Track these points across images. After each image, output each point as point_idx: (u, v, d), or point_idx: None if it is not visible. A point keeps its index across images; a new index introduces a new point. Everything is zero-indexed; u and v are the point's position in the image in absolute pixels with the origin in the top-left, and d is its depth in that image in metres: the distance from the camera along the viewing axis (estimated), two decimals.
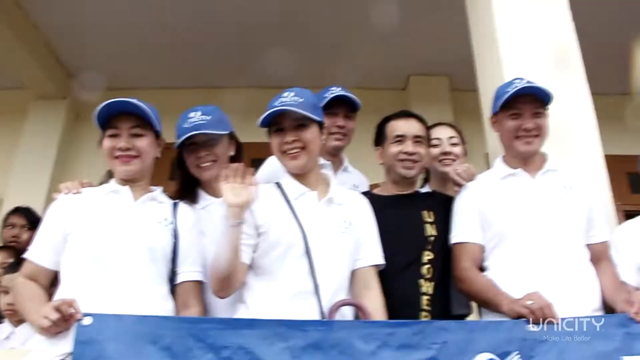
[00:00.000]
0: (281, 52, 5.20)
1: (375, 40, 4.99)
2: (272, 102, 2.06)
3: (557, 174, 2.24)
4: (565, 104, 2.66)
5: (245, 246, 1.91)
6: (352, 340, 1.69)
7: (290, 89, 2.09)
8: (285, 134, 2.04)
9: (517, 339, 1.77)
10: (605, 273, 2.15)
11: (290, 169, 2.08)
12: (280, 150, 2.06)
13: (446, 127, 2.79)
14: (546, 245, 2.08)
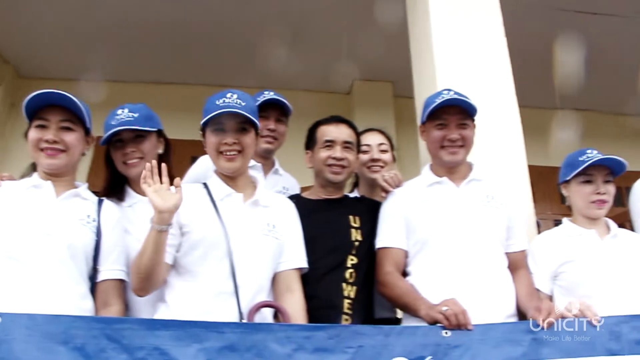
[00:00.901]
0: (228, 51, 5.20)
1: (321, 44, 5.04)
2: (213, 100, 2.05)
3: (481, 183, 2.31)
4: (494, 115, 2.76)
5: (168, 246, 1.89)
6: (268, 343, 1.69)
7: (232, 90, 2.08)
8: (225, 134, 2.03)
9: (432, 344, 1.81)
10: (521, 281, 2.23)
11: (224, 170, 2.07)
12: (217, 150, 2.05)
13: (376, 133, 2.83)
14: (465, 252, 2.14)
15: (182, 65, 5.34)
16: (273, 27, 4.94)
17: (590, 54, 5.02)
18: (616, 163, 2.25)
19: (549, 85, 5.44)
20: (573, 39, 4.99)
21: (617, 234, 2.28)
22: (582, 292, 2.12)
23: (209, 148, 2.08)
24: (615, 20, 4.92)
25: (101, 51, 5.00)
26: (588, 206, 2.27)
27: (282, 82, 5.35)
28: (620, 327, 1.86)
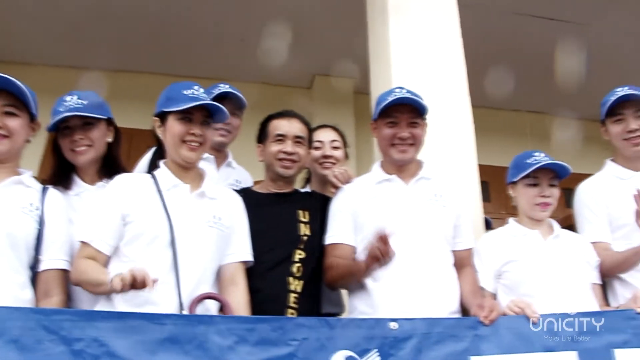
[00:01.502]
0: (191, 42, 5.14)
1: (283, 38, 5.01)
2: (180, 90, 2.05)
3: (430, 182, 2.33)
4: (447, 114, 2.80)
5: (108, 237, 1.92)
6: (209, 334, 1.68)
7: (196, 83, 2.09)
8: (192, 125, 2.03)
9: (378, 337, 1.82)
10: (466, 278, 2.27)
11: (185, 158, 2.05)
12: (182, 139, 2.04)
13: (329, 130, 2.84)
14: (411, 249, 2.16)
15: (144, 54, 5.26)
16: (237, 20, 4.92)
17: (545, 59, 5.13)
18: (561, 167, 2.30)
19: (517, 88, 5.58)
20: (531, 43, 5.10)
21: (560, 234, 2.34)
22: (523, 290, 2.17)
23: (171, 136, 2.05)
24: (571, 27, 5.05)
25: (58, 35, 4.90)
26: (532, 208, 2.32)
27: (244, 73, 5.36)
28: (557, 324, 1.91)
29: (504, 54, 5.19)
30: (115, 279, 1.69)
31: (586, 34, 5.10)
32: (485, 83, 5.26)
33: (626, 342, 1.91)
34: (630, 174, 2.55)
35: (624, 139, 2.53)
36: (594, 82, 4.19)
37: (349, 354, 1.77)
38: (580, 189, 2.60)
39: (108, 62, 5.27)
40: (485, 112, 5.82)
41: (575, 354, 1.87)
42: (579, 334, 1.90)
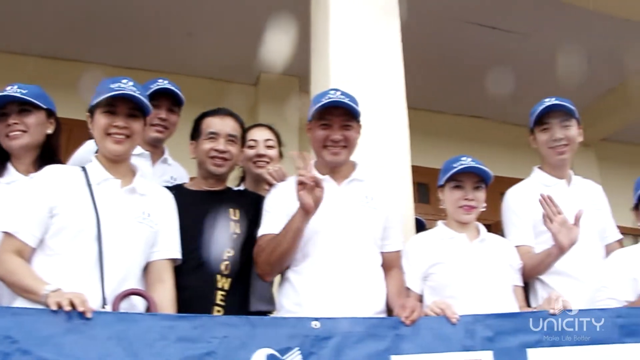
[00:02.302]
0: (135, 33, 5.05)
1: (229, 33, 5.00)
2: (107, 84, 2.03)
3: (363, 184, 2.37)
4: (383, 116, 2.85)
5: (34, 229, 1.89)
6: (129, 332, 1.68)
7: (127, 77, 2.08)
8: (116, 117, 2.02)
9: (300, 335, 1.84)
10: (392, 279, 2.32)
11: (110, 152, 2.04)
12: (106, 131, 2.02)
13: (264, 129, 2.85)
14: (339, 249, 2.20)
15: (87, 43, 5.13)
16: (185, 14, 4.86)
17: (485, 66, 5.26)
18: (483, 172, 2.36)
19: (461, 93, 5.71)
20: (471, 50, 5.23)
21: (485, 238, 2.40)
22: (448, 292, 2.22)
23: (97, 129, 2.05)
24: (513, 36, 5.20)
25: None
26: (456, 211, 2.38)
27: (190, 68, 5.32)
28: (475, 325, 1.97)
29: (450, 60, 5.32)
30: (51, 298, 1.67)
31: (525, 44, 5.26)
32: (430, 87, 5.40)
33: (538, 341, 1.98)
34: (555, 181, 2.65)
35: (549, 147, 2.63)
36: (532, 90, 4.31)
37: (270, 352, 1.79)
38: (508, 194, 2.69)
39: (48, 50, 5.16)
40: (429, 116, 6.00)
41: (491, 354, 1.94)
42: (495, 334, 1.96)
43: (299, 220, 2.09)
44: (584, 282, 2.44)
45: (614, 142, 6.91)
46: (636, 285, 2.25)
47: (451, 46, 5.13)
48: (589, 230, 2.53)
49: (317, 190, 2.04)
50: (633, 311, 2.12)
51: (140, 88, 2.10)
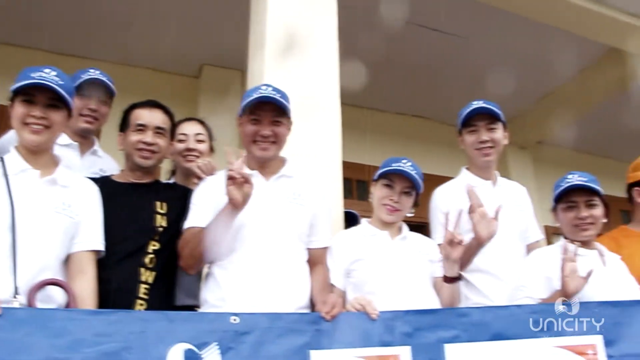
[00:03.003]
0: (74, 20, 4.92)
1: (171, 23, 4.92)
2: (28, 72, 1.99)
3: (291, 180, 2.38)
4: (316, 113, 2.87)
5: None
6: (41, 327, 1.64)
7: (52, 67, 2.04)
8: (34, 107, 1.97)
9: (219, 330, 1.84)
10: (317, 275, 2.35)
11: (27, 142, 2.00)
12: (23, 121, 1.98)
13: (195, 123, 2.84)
14: (264, 245, 2.21)
15: (22, 27, 4.96)
16: (126, 1, 4.76)
17: (427, 66, 5.36)
18: (414, 179, 2.40)
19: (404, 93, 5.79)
20: (414, 50, 5.31)
21: (407, 236, 2.46)
22: (368, 289, 2.26)
23: (14, 118, 2.00)
24: (454, 39, 5.30)
25: None
26: (380, 209, 2.43)
27: (130, 57, 5.22)
28: (394, 321, 2.01)
29: (393, 59, 5.38)
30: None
31: (466, 47, 5.38)
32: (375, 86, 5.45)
33: (456, 337, 2.03)
34: (481, 182, 2.73)
35: (475, 148, 2.70)
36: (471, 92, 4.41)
37: (188, 347, 1.78)
38: (435, 193, 2.75)
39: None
40: (370, 114, 6.07)
41: (409, 349, 1.97)
42: (414, 330, 2.00)
43: (226, 215, 2.09)
44: (504, 281, 2.53)
45: (549, 145, 7.16)
46: (550, 283, 2.34)
47: (394, 46, 5.19)
48: (511, 230, 2.62)
49: (246, 186, 2.04)
50: (546, 307, 2.21)
51: (65, 78, 2.05)
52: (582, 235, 2.46)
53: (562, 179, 2.53)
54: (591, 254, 2.47)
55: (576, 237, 2.44)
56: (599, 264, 2.46)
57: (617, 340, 2.15)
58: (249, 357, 1.84)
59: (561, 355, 2.09)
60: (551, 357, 2.08)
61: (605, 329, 2.16)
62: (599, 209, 2.50)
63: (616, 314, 2.20)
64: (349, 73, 3.23)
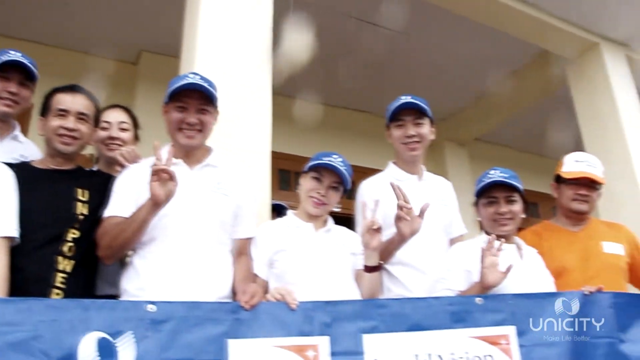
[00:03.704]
0: None
1: (109, 6, 4.80)
2: None
3: (216, 169, 2.37)
4: (246, 102, 2.86)
5: None
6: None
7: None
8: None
9: (134, 318, 1.83)
10: (240, 265, 2.35)
11: None
12: None
13: (119, 110, 2.79)
14: (186, 234, 2.19)
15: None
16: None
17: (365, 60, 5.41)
18: (342, 175, 2.43)
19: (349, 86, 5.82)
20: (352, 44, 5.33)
21: (331, 229, 2.49)
22: (289, 279, 2.28)
23: None
24: (394, 35, 5.36)
25: None
26: (306, 201, 2.45)
27: (65, 40, 5.08)
28: (314, 311, 2.03)
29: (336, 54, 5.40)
30: None
31: (407, 44, 5.44)
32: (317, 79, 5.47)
33: (374, 327, 2.08)
34: (407, 176, 2.79)
35: (402, 143, 2.76)
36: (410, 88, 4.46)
37: (102, 335, 1.76)
38: (362, 186, 2.79)
39: None
40: (312, 107, 6.08)
41: (328, 339, 2.00)
42: (333, 320, 2.03)
43: (146, 210, 2.07)
44: (426, 273, 2.60)
45: (486, 142, 7.36)
46: (470, 276, 2.41)
47: (332, 39, 5.21)
48: (435, 224, 2.69)
49: (170, 184, 2.03)
50: (463, 299, 2.29)
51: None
52: (501, 230, 2.54)
53: (484, 175, 2.61)
54: (509, 247, 2.55)
55: (495, 231, 2.52)
56: (517, 258, 2.55)
57: (529, 330, 2.24)
58: (165, 346, 1.83)
59: (476, 346, 2.17)
60: (466, 347, 2.15)
61: (518, 320, 2.25)
62: (518, 204, 2.58)
63: (529, 306, 2.29)
64: (286, 64, 3.23)
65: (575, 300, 2.34)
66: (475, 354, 2.15)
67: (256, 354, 1.92)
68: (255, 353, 1.92)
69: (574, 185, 2.88)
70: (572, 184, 2.89)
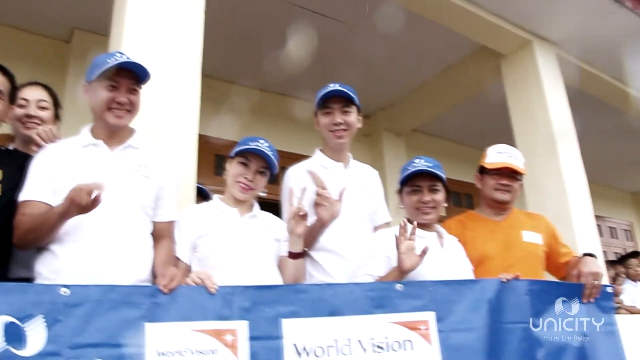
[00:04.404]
0: None
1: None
2: None
3: (138, 151, 2.33)
4: (175, 84, 2.82)
5: None
6: None
7: None
8: None
9: (46, 302, 1.78)
10: (162, 249, 2.33)
11: None
12: None
13: (38, 88, 2.70)
14: (103, 217, 2.13)
15: None
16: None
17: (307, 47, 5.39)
18: (270, 160, 2.43)
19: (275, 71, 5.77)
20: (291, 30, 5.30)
21: (257, 215, 2.49)
22: (211, 264, 2.27)
23: None
24: (334, 23, 5.37)
25: None
26: (233, 186, 2.45)
27: None
28: (234, 296, 2.03)
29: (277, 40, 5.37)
30: None
31: (348, 33, 5.47)
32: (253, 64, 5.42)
33: (294, 312, 2.09)
34: (333, 163, 2.81)
35: (329, 130, 2.78)
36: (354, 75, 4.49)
37: (9, 319, 1.71)
38: (288, 172, 2.81)
39: None
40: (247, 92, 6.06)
41: (246, 324, 2.01)
42: (252, 305, 2.04)
43: (66, 214, 2.00)
44: (348, 260, 2.64)
45: (423, 133, 7.50)
46: (390, 262, 2.45)
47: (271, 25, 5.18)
48: (359, 211, 2.73)
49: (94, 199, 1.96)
50: (383, 285, 2.33)
51: None
52: (423, 218, 2.60)
53: (409, 163, 2.65)
54: (430, 235, 2.61)
55: (418, 219, 2.57)
56: (437, 246, 2.61)
57: (447, 316, 2.30)
58: (78, 330, 1.80)
59: (396, 331, 2.21)
60: (386, 332, 2.19)
61: (438, 306, 2.31)
62: (440, 194, 2.64)
63: (448, 292, 2.36)
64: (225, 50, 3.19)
65: (493, 287, 2.42)
66: (395, 339, 2.19)
67: (174, 338, 1.89)
68: (173, 337, 1.90)
69: (496, 176, 2.96)
70: (494, 175, 2.97)
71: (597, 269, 2.66)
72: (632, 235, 11.86)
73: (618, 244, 11.25)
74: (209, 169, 5.34)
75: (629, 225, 11.93)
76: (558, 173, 5.08)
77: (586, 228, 4.98)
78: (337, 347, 2.10)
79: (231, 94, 5.70)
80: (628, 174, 9.39)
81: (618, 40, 5.62)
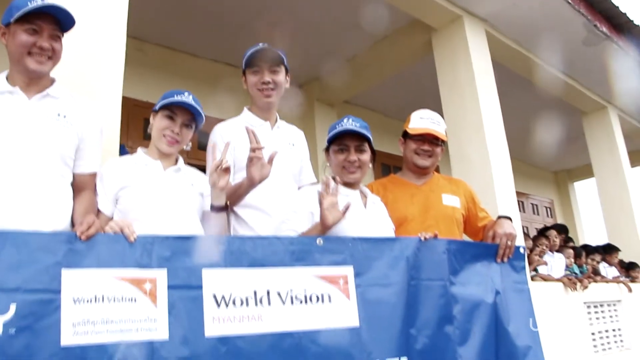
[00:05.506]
0: None
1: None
2: None
3: (57, 101, 2.27)
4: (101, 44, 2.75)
5: None
6: None
7: None
8: None
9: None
10: (82, 199, 2.30)
11: None
12: None
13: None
14: (21, 166, 2.10)
15: None
16: None
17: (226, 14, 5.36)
18: (196, 111, 2.44)
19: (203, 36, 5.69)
20: None
21: (181, 168, 2.50)
22: (133, 216, 2.25)
23: None
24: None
25: None
26: (159, 140, 2.45)
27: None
28: (153, 245, 2.03)
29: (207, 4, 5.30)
30: None
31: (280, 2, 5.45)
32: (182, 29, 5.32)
33: (215, 263, 2.12)
34: (261, 122, 2.84)
35: (257, 89, 2.79)
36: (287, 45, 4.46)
37: None
38: (215, 128, 2.81)
39: None
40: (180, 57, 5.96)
41: (165, 272, 2.02)
42: (172, 254, 2.05)
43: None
44: (272, 216, 2.68)
45: (354, 105, 7.59)
46: (313, 218, 2.51)
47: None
48: (284, 169, 2.77)
49: None
50: (304, 239, 2.38)
51: None
52: (349, 177, 2.66)
53: (338, 122, 2.69)
54: (354, 194, 2.68)
55: (344, 178, 2.63)
56: (360, 205, 2.68)
57: (365, 271, 2.38)
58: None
59: (315, 284, 2.27)
60: (305, 285, 2.25)
61: (356, 261, 2.38)
62: (367, 154, 2.70)
63: (367, 249, 2.43)
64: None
65: (412, 245, 2.51)
66: (314, 292, 2.25)
67: (91, 284, 1.89)
68: (91, 283, 1.89)
69: (418, 141, 3.05)
70: (416, 140, 3.05)
71: (512, 230, 2.79)
72: (552, 212, 12.45)
73: (539, 220, 11.80)
74: (138, 132, 5.23)
75: (550, 203, 12.52)
76: (483, 143, 5.26)
77: (507, 199, 5.19)
78: (256, 298, 2.14)
79: (165, 59, 5.62)
80: (550, 152, 9.75)
81: (544, 20, 5.83)
